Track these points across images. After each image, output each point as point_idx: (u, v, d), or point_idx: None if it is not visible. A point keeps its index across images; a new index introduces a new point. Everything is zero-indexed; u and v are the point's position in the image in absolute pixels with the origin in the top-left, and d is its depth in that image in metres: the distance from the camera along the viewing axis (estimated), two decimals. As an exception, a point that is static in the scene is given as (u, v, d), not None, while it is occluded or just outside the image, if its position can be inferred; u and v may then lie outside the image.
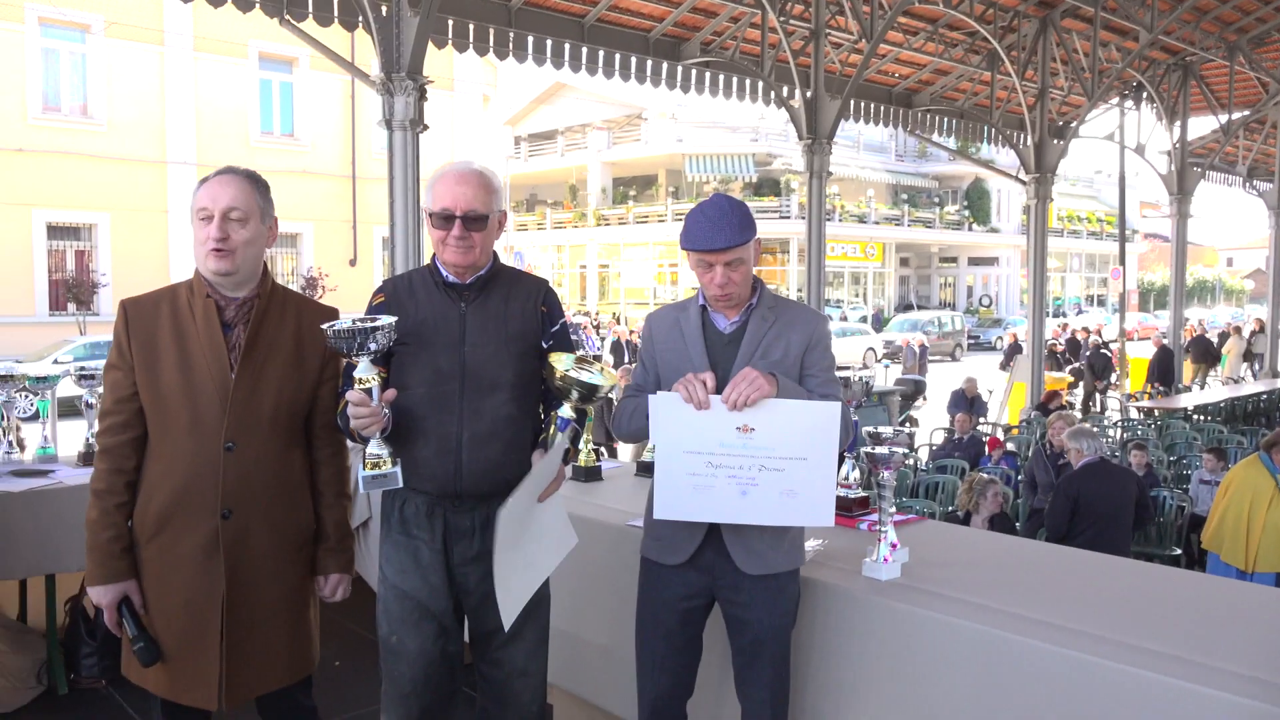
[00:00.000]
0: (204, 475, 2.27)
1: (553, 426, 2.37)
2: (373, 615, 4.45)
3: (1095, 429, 7.44)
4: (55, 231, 20.08)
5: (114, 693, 3.96)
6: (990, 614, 2.35)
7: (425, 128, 7.50)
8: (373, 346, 2.17)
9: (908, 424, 12.48)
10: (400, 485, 2.30)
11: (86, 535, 2.31)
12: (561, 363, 2.33)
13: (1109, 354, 17.50)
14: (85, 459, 4.21)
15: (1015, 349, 18.96)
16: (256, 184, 2.37)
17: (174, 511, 2.29)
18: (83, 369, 4.30)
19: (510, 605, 2.35)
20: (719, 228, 2.36)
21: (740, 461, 2.34)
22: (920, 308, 37.59)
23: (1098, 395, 17.49)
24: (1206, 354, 20.32)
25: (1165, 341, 17.05)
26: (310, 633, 2.49)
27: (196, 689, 2.31)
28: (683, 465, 2.35)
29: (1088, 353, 19.17)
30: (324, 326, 2.19)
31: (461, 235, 2.37)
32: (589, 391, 2.32)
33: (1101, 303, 44.96)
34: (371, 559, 4.24)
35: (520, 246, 36.71)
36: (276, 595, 2.37)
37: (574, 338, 2.69)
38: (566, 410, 2.35)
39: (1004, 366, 19.28)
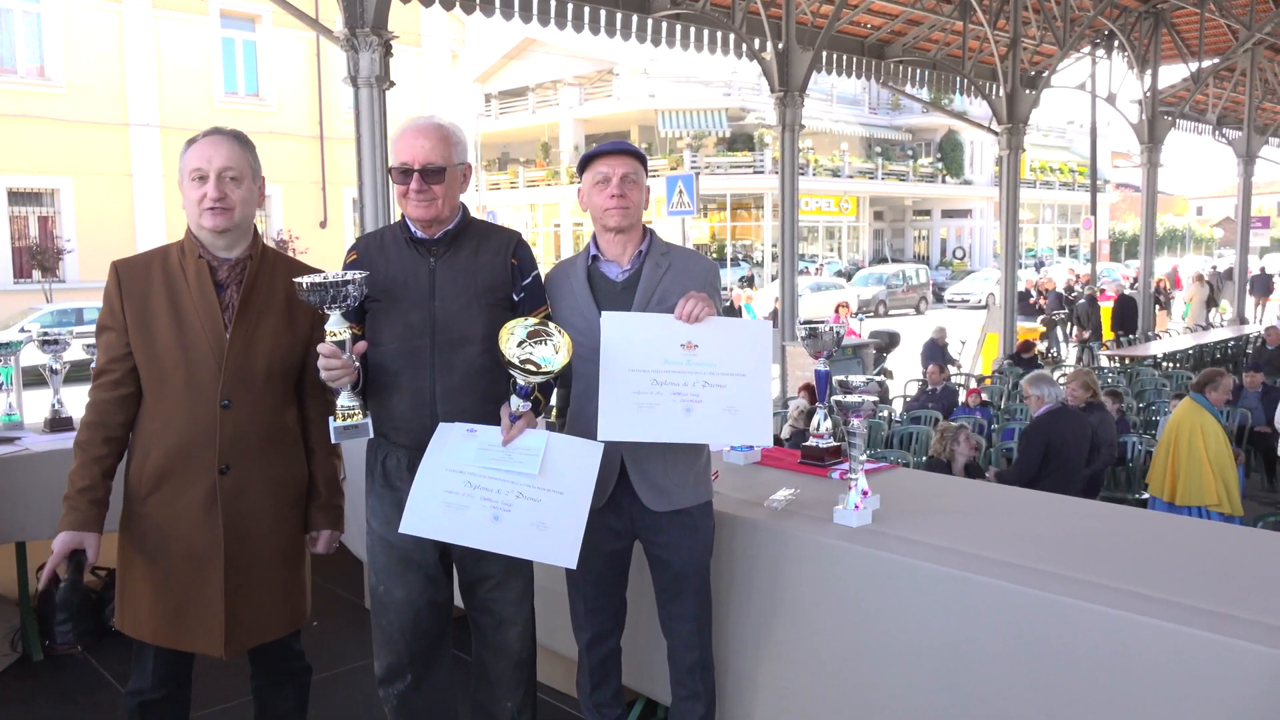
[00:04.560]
0: (201, 432, 2.32)
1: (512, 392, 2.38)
2: (349, 576, 4.50)
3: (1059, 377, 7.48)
4: (16, 197, 19.64)
5: (89, 658, 3.95)
6: (958, 557, 2.39)
7: (392, 84, 7.37)
8: (344, 300, 2.22)
9: (882, 375, 12.53)
10: (371, 435, 2.35)
11: (67, 485, 2.33)
12: (512, 337, 2.31)
13: (1096, 304, 17.56)
14: (52, 425, 4.16)
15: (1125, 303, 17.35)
16: (245, 144, 2.42)
17: (172, 467, 2.33)
18: (45, 334, 4.23)
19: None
20: (615, 145, 2.54)
21: (685, 378, 2.40)
22: (895, 261, 37.67)
23: (1070, 346, 17.67)
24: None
25: (1127, 291, 17.21)
26: (305, 586, 2.57)
27: (200, 637, 2.37)
28: (628, 384, 2.40)
29: (1065, 301, 19.29)
30: (296, 280, 2.24)
31: (420, 189, 2.39)
32: (537, 375, 2.31)
33: (1074, 253, 45.21)
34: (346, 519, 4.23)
35: (493, 206, 36.37)
36: (274, 548, 2.44)
37: None
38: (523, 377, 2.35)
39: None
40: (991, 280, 29.80)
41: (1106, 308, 17.49)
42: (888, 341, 14.37)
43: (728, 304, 20.57)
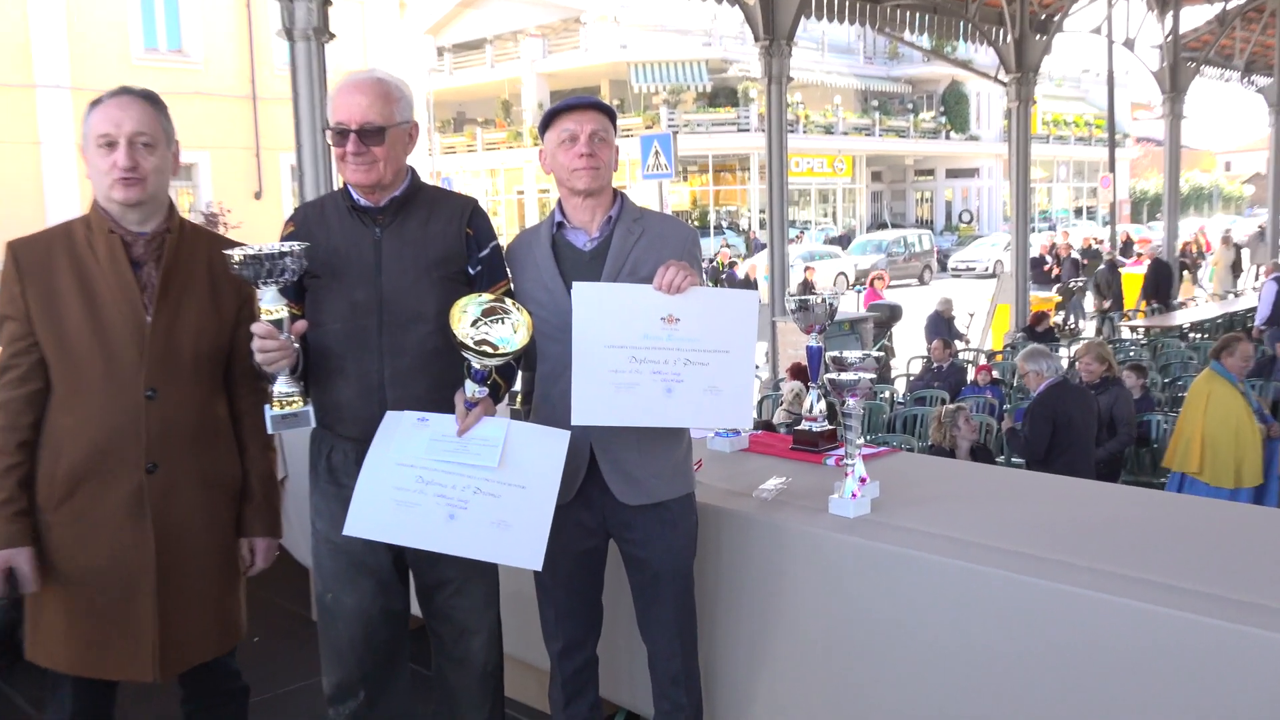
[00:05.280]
0: (124, 427, 2.29)
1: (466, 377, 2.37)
2: (292, 586, 4.48)
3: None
4: (-90, 170, 19.37)
5: (3, 686, 3.92)
6: (965, 547, 2.41)
7: (332, 37, 7.31)
8: (281, 273, 2.21)
9: (883, 352, 12.58)
10: (312, 424, 2.35)
11: None
12: (464, 315, 2.29)
13: (1116, 271, 17.66)
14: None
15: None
16: (157, 105, 2.39)
17: (91, 469, 2.30)
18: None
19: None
20: (582, 99, 2.53)
21: (665, 355, 2.40)
22: (895, 226, 37.80)
23: (1087, 317, 17.81)
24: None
25: (1160, 254, 17.35)
26: (240, 598, 2.57)
27: (127, 662, 2.34)
28: (604, 361, 2.40)
29: (1081, 267, 19.38)
30: (227, 252, 2.22)
31: (358, 150, 2.38)
32: (493, 357, 2.30)
33: (1091, 214, 45.51)
34: (288, 522, 4.23)
35: (448, 171, 36.15)
36: (208, 555, 2.43)
37: None
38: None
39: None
40: (1000, 246, 29.93)
41: (1131, 274, 17.61)
42: (888, 315, 14.38)
43: (744, 278, 20.68)
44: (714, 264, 22.40)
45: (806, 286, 19.32)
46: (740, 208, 36.34)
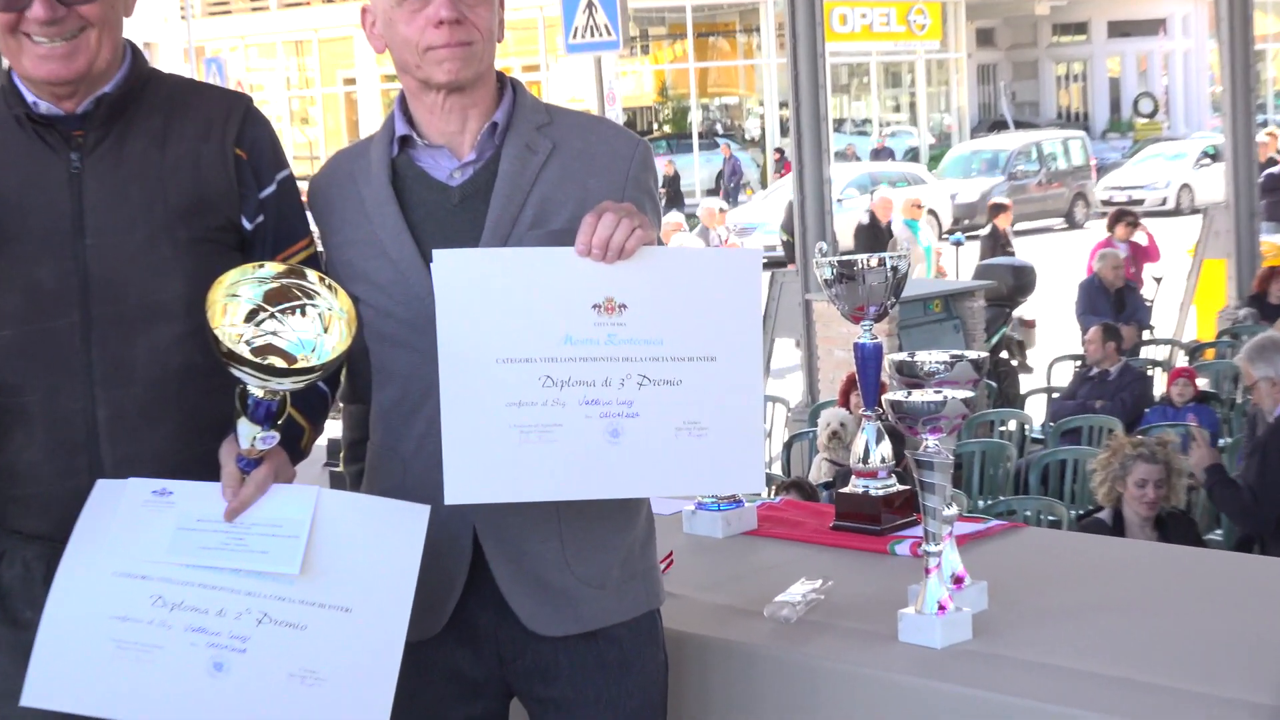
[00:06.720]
0: None
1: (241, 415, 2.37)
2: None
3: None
4: None
5: None
6: (1134, 692, 2.43)
7: None
8: None
9: (1004, 349, 12.66)
10: None
11: None
12: (235, 302, 2.30)
13: None
14: None
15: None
16: None
17: None
18: None
19: None
20: None
21: (605, 371, 2.40)
22: (1022, 125, 38.05)
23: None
24: None
25: None
26: None
27: None
28: (496, 389, 2.39)
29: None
30: None
31: (52, 16, 2.36)
32: (288, 377, 2.30)
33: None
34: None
35: (217, 48, 36.01)
36: None
37: None
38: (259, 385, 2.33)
39: None
40: (1189, 159, 30.04)
41: None
42: (1013, 284, 14.37)
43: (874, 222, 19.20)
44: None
45: (996, 240, 17.31)
46: (746, 99, 36.53)
